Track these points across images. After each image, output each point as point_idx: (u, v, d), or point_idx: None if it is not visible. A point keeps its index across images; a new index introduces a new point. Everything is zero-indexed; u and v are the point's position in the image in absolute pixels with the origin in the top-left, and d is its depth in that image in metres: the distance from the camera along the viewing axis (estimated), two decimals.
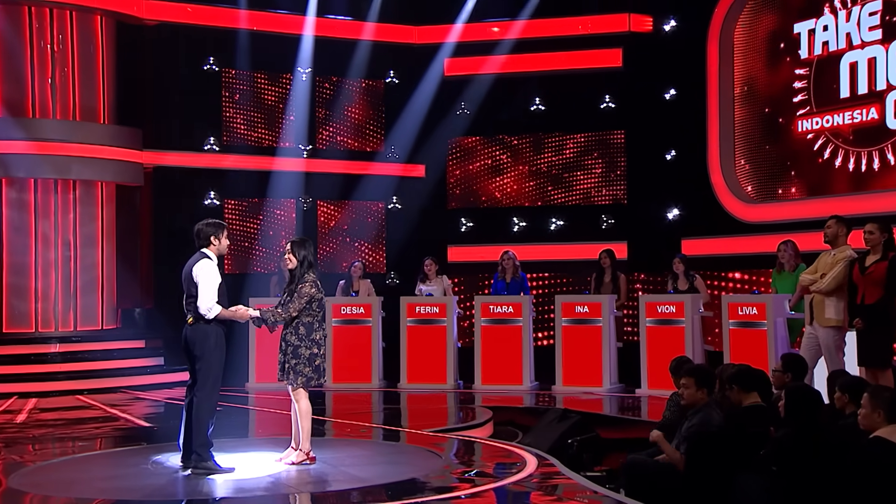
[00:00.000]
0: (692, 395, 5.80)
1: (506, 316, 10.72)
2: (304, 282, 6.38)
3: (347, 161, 13.88)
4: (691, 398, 5.81)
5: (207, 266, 6.17)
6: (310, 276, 6.40)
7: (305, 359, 6.40)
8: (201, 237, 6.27)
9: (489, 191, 13.94)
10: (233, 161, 13.34)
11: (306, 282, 6.37)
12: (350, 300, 11.16)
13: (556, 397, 9.99)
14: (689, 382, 5.82)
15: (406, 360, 10.94)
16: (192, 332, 6.17)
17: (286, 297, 6.48)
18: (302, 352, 6.40)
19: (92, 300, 12.60)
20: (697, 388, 5.79)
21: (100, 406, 9.93)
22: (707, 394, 5.80)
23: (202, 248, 6.28)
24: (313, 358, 6.42)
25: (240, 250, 13.36)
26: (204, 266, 6.17)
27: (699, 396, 5.79)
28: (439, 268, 11.28)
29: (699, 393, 5.78)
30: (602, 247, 11.26)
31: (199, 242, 6.29)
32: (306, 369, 6.39)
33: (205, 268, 6.16)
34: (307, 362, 6.40)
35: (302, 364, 6.39)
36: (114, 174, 12.53)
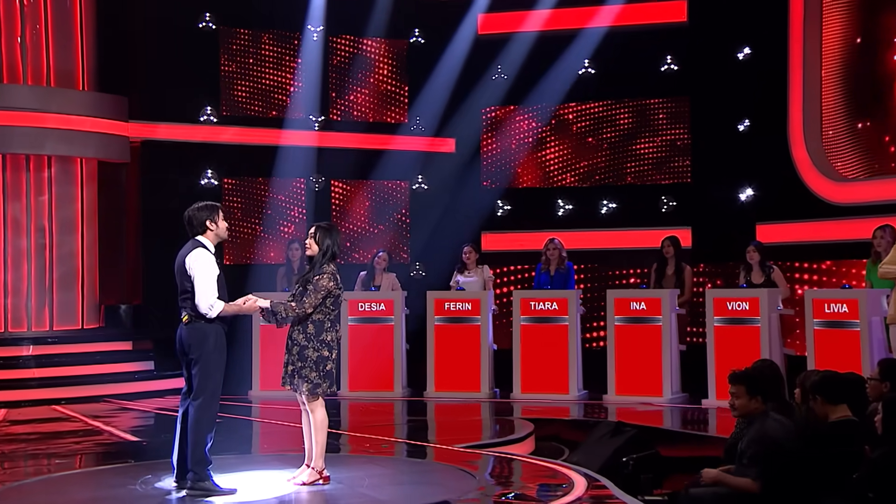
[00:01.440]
0: (744, 405, 5.76)
1: (549, 314, 10.73)
2: (321, 273, 6.40)
3: (365, 134, 13.91)
4: (744, 409, 5.77)
5: (202, 256, 6.19)
6: (329, 267, 6.43)
7: (312, 362, 6.40)
8: (195, 224, 6.30)
9: (530, 168, 13.92)
10: (233, 134, 13.39)
11: (324, 273, 6.39)
12: (369, 295, 11.20)
13: (609, 408, 10.00)
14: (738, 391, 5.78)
15: (433, 365, 10.97)
16: (188, 333, 6.19)
17: (299, 289, 6.49)
18: (309, 354, 6.41)
19: (70, 295, 12.70)
20: (749, 396, 5.74)
21: (80, 418, 9.98)
22: (763, 401, 5.75)
23: (195, 235, 6.30)
24: (322, 362, 6.41)
25: (240, 238, 13.41)
26: (198, 256, 6.19)
27: (753, 406, 5.75)
28: (479, 255, 11.29)
29: (753, 402, 5.74)
30: (662, 233, 11.23)
31: (192, 230, 6.31)
32: (312, 374, 6.39)
33: (199, 258, 6.18)
34: (313, 366, 6.39)
35: (308, 368, 6.39)
36: (95, 149, 12.58)
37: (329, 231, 6.50)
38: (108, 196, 13.16)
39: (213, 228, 6.30)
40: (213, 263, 6.20)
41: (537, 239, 11.84)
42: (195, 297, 6.13)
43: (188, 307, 6.19)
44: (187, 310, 6.19)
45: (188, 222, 6.30)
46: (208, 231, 6.29)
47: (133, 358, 12.17)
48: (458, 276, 11.20)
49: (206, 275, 6.15)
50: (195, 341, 6.16)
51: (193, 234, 6.30)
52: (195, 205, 6.37)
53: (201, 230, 6.29)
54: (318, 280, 6.37)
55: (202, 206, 6.34)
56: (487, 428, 9.46)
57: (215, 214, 6.32)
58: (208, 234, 6.29)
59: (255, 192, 13.59)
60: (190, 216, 6.31)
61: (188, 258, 6.20)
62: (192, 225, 6.30)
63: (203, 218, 6.28)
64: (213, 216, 6.31)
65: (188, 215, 6.31)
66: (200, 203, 6.38)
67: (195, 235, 6.30)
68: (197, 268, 6.16)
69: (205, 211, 6.31)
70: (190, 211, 6.32)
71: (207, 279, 6.14)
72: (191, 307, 6.17)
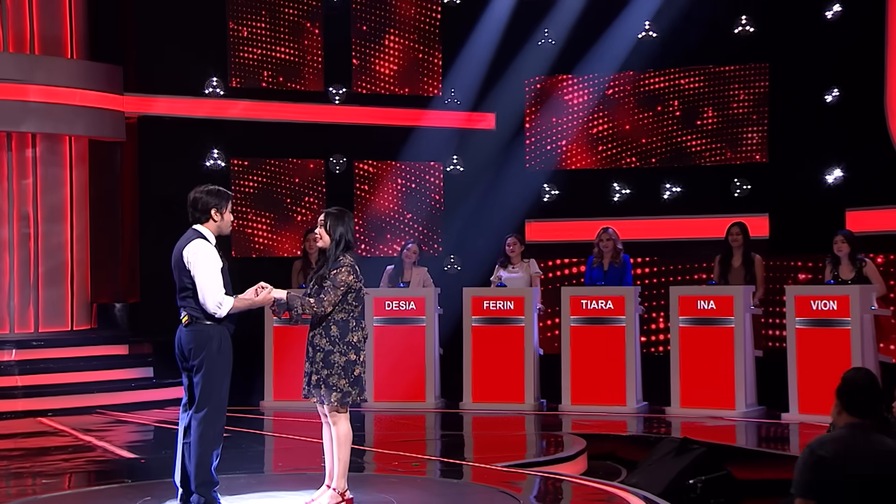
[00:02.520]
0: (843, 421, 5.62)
1: (603, 314, 10.70)
2: (338, 266, 6.40)
3: (393, 109, 13.93)
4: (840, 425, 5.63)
5: (201, 247, 6.17)
6: (346, 259, 6.43)
7: (340, 368, 6.39)
8: (199, 208, 6.26)
9: (581, 147, 13.85)
10: (242, 109, 13.43)
11: (341, 266, 6.39)
12: (397, 292, 11.19)
13: (673, 422, 9.97)
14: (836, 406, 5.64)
15: (471, 372, 10.98)
16: (189, 335, 6.17)
17: (312, 286, 6.51)
18: (335, 359, 6.40)
19: (58, 293, 12.78)
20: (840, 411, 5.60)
21: (69, 432, 10.00)
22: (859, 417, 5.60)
23: (196, 224, 6.27)
24: (350, 367, 6.40)
25: (249, 228, 13.43)
26: (197, 248, 6.16)
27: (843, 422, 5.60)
28: (524, 248, 11.30)
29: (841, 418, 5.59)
30: (734, 221, 11.11)
31: (194, 215, 6.27)
32: (341, 382, 6.38)
33: (198, 250, 6.16)
34: (342, 373, 6.38)
35: (336, 376, 6.39)
36: (86, 126, 12.62)
37: (341, 217, 6.49)
38: (101, 179, 13.22)
39: (217, 220, 6.27)
40: (214, 255, 6.18)
41: (589, 228, 11.78)
42: (197, 296, 6.12)
43: (188, 306, 6.17)
44: (187, 309, 6.17)
45: (192, 204, 6.27)
46: (210, 221, 6.26)
47: (129, 364, 12.22)
48: (500, 272, 11.21)
49: (208, 269, 6.12)
50: (196, 345, 6.14)
51: (194, 220, 6.27)
52: (205, 186, 6.33)
53: (203, 218, 6.26)
54: (335, 275, 6.37)
55: (212, 191, 6.29)
56: (533, 444, 9.44)
57: (224, 204, 6.29)
58: (210, 223, 6.27)
59: (268, 175, 13.63)
60: (195, 198, 6.27)
61: (185, 251, 6.18)
62: (195, 209, 6.27)
63: (210, 204, 6.24)
64: (221, 205, 6.27)
65: (194, 196, 6.27)
66: (211, 186, 6.34)
67: (195, 223, 6.27)
68: (197, 261, 6.13)
69: (213, 197, 6.26)
70: (197, 192, 6.29)
71: (211, 274, 6.12)
72: (191, 306, 6.15)
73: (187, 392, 6.27)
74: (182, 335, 6.21)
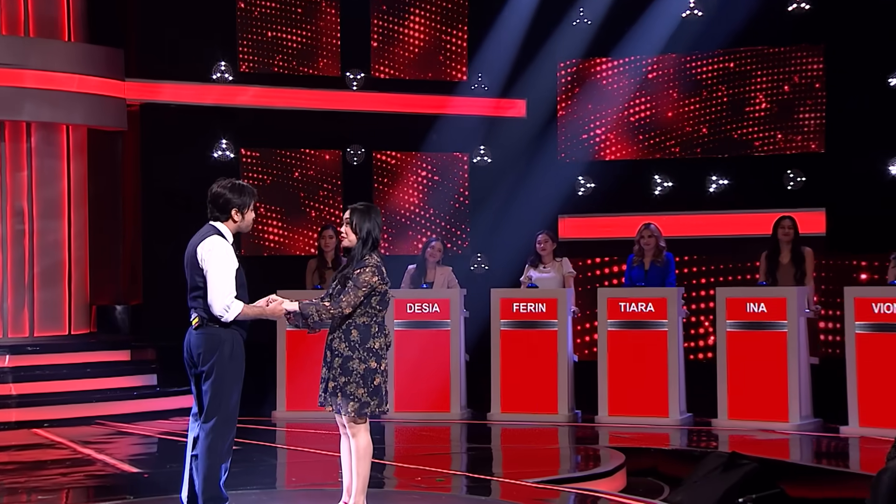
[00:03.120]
0: None
1: (644, 317, 10.68)
2: (362, 266, 6.43)
3: (415, 95, 13.95)
4: None
5: (219, 246, 6.19)
6: (372, 259, 6.47)
7: (359, 376, 6.40)
8: (219, 205, 6.27)
9: (619, 136, 13.82)
10: (253, 96, 13.47)
11: (366, 266, 6.42)
12: (419, 294, 11.20)
13: (719, 435, 9.95)
14: None
15: (499, 380, 10.98)
16: (198, 339, 6.21)
17: (335, 287, 6.52)
18: (354, 366, 6.41)
19: (55, 294, 12.80)
20: None
21: (67, 444, 10.03)
22: None
23: (214, 221, 6.29)
24: (370, 375, 6.42)
25: (260, 224, 13.49)
26: (213, 245, 6.19)
27: None
28: (557, 246, 11.30)
29: None
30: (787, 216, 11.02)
31: (213, 212, 6.30)
32: (359, 391, 6.40)
33: (214, 248, 6.18)
34: (361, 381, 6.40)
35: (354, 384, 6.41)
36: (84, 114, 12.65)
37: (367, 214, 6.53)
38: (101, 172, 13.25)
39: (238, 220, 6.29)
40: (230, 255, 6.21)
41: (627, 224, 11.85)
42: (207, 296, 6.14)
43: (199, 308, 6.20)
44: (198, 311, 6.20)
45: (213, 200, 6.27)
46: (230, 220, 6.28)
47: (131, 371, 12.23)
48: (530, 271, 11.20)
49: (221, 268, 6.15)
50: (207, 350, 6.17)
51: (212, 216, 6.29)
52: (228, 181, 6.33)
53: (223, 216, 6.27)
54: (358, 275, 6.40)
55: (236, 187, 6.28)
56: (567, 459, 9.45)
57: (248, 204, 6.29)
58: (229, 223, 6.29)
59: (280, 167, 13.66)
60: (217, 194, 6.27)
61: (201, 247, 6.19)
62: (215, 204, 6.27)
63: (232, 204, 6.25)
64: (244, 205, 6.28)
65: (216, 191, 6.28)
66: (237, 181, 6.34)
67: (214, 219, 6.29)
68: (211, 259, 6.15)
69: (237, 195, 6.26)
70: (220, 186, 6.29)
71: (223, 274, 6.15)
72: (202, 308, 6.18)
73: (196, 400, 6.30)
74: (191, 339, 6.24)
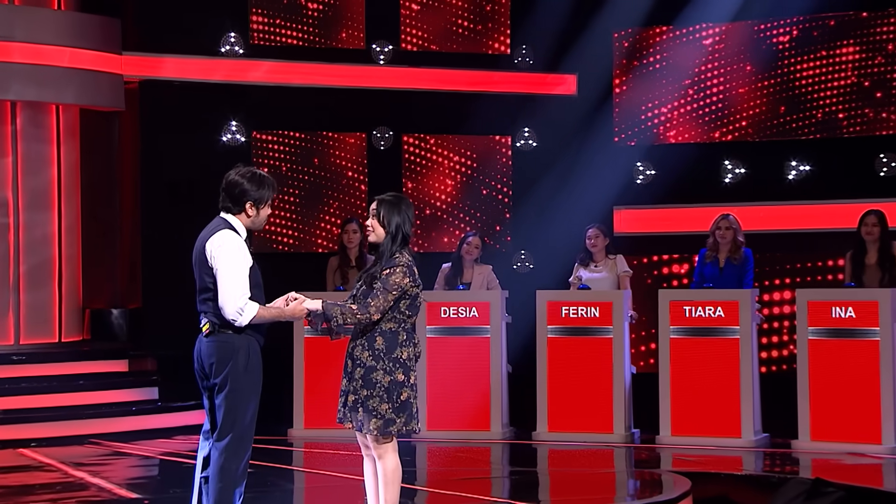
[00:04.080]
0: None
1: (713, 322, 10.63)
2: (392, 265, 6.46)
3: (450, 70, 13.92)
4: None
5: (231, 241, 6.24)
6: (402, 258, 6.51)
7: (382, 389, 6.43)
8: (234, 196, 6.31)
9: (684, 116, 13.71)
10: (267, 72, 13.47)
11: (396, 266, 6.46)
12: (455, 296, 11.21)
13: (801, 459, 9.96)
14: None
15: (546, 395, 10.99)
16: (210, 348, 6.25)
17: (361, 289, 6.56)
18: (378, 378, 6.44)
19: (43, 296, 12.83)
20: None
21: (57, 466, 10.08)
22: None
23: (226, 213, 6.34)
24: (396, 389, 6.44)
25: (274, 217, 13.48)
26: (224, 241, 6.23)
27: None
28: (610, 242, 11.26)
29: None
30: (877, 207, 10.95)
31: (225, 202, 6.35)
32: (383, 406, 6.42)
33: (226, 243, 6.23)
34: (385, 395, 6.43)
35: (377, 398, 6.43)
36: (77, 92, 12.65)
37: (397, 206, 6.58)
38: (95, 158, 13.28)
39: (252, 215, 6.35)
40: (243, 250, 6.27)
41: (693, 217, 11.90)
42: (218, 298, 6.19)
43: (209, 312, 6.25)
44: (208, 315, 6.25)
45: (227, 188, 6.32)
46: (243, 214, 6.34)
47: (130, 383, 12.25)
48: (580, 271, 11.20)
49: (234, 266, 6.20)
50: (219, 359, 6.21)
51: (224, 207, 6.34)
52: (249, 170, 6.38)
53: (236, 209, 6.32)
54: (387, 275, 6.43)
55: (256, 177, 6.32)
56: (623, 485, 9.50)
57: (265, 198, 6.35)
58: (242, 216, 6.35)
59: (297, 152, 13.65)
60: (234, 182, 6.31)
61: (210, 242, 6.25)
62: (230, 194, 6.31)
63: (248, 196, 6.29)
64: (261, 199, 6.33)
65: (232, 179, 6.32)
66: (257, 171, 6.40)
67: (225, 211, 6.34)
68: (222, 256, 6.20)
69: (255, 187, 6.30)
70: (238, 174, 6.33)
71: (236, 273, 6.19)
72: (213, 312, 6.23)
73: (209, 415, 6.35)
74: (202, 347, 6.29)
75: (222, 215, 6.33)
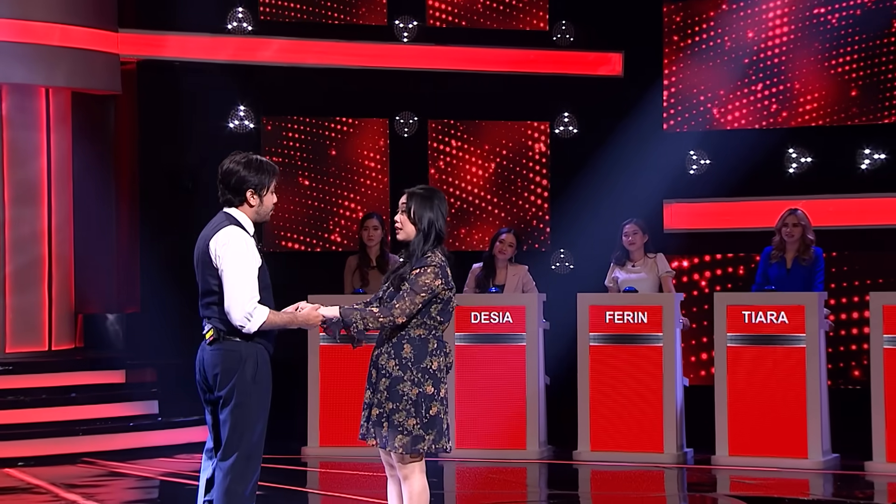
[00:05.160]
0: None
1: (776, 330, 10.59)
2: (422, 265, 6.48)
3: (482, 49, 13.91)
4: None
5: (236, 238, 6.25)
6: (434, 257, 6.53)
7: (410, 402, 6.44)
8: (231, 186, 6.34)
9: (743, 99, 13.65)
10: (277, 51, 13.50)
11: (427, 266, 6.47)
12: (486, 300, 11.20)
13: (876, 483, 9.97)
14: None
15: (588, 409, 10.97)
16: (214, 356, 6.26)
17: (388, 291, 6.57)
18: (405, 390, 6.44)
19: (31, 300, 12.84)
20: None
21: (47, 488, 10.11)
22: None
23: (228, 207, 6.36)
24: (425, 402, 6.45)
25: (285, 211, 13.50)
26: (230, 238, 6.25)
27: None
28: (649, 239, 11.21)
29: None
30: None
31: (225, 195, 6.37)
32: (410, 421, 6.42)
33: (232, 242, 6.24)
34: (413, 409, 6.43)
35: (404, 412, 6.43)
36: (68, 74, 12.66)
37: (430, 200, 6.59)
38: (89, 146, 13.28)
39: (255, 204, 6.36)
40: (251, 249, 6.27)
41: (753, 211, 11.82)
42: (224, 302, 6.19)
43: (214, 317, 6.26)
44: (212, 321, 6.26)
45: (223, 179, 6.35)
46: (246, 204, 6.35)
47: (126, 396, 12.26)
48: (615, 272, 11.24)
49: (240, 266, 6.20)
50: (225, 369, 6.22)
51: (225, 200, 6.36)
52: (244, 155, 6.39)
53: (238, 200, 6.33)
54: (416, 275, 6.45)
55: (251, 162, 6.34)
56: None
57: (266, 184, 6.36)
58: (245, 207, 6.36)
59: (312, 140, 13.67)
60: (229, 171, 6.33)
61: (214, 240, 6.26)
62: (227, 185, 6.34)
63: (247, 183, 6.31)
64: (261, 185, 6.34)
65: (226, 167, 6.34)
66: (253, 156, 6.40)
67: (227, 205, 6.36)
68: (227, 255, 6.21)
69: (253, 172, 6.32)
70: (232, 162, 6.36)
71: (242, 273, 6.20)
72: (218, 317, 6.24)
73: (212, 432, 6.35)
74: (205, 356, 6.28)
75: (225, 210, 6.33)
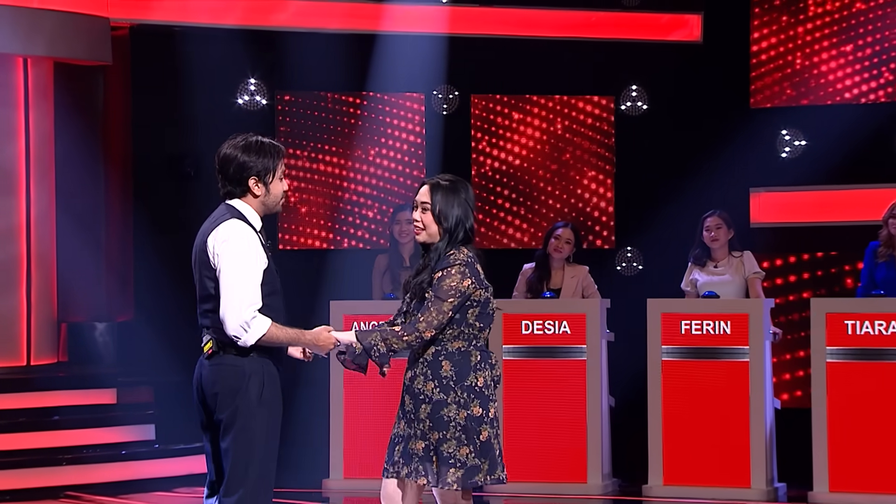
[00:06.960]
0: None
1: (885, 342, 10.61)
2: (446, 266, 6.55)
3: (533, 10, 14.00)
4: None
5: (237, 234, 6.29)
6: (459, 255, 6.59)
7: (459, 429, 6.51)
8: (230, 174, 6.38)
9: (843, 71, 13.65)
10: (294, 14, 13.62)
11: (451, 266, 6.55)
12: (539, 306, 11.23)
13: None
14: None
15: (661, 436, 11.00)
16: (213, 373, 6.30)
17: (411, 303, 6.64)
18: (451, 414, 6.50)
19: (7, 305, 12.97)
20: None
21: None
22: None
23: (230, 199, 6.40)
24: (475, 426, 6.51)
25: (303, 204, 13.62)
26: (231, 234, 6.28)
27: None
28: (734, 235, 11.19)
29: None
30: None
31: (225, 185, 6.42)
32: (462, 451, 6.49)
33: (233, 238, 6.28)
34: (464, 435, 6.50)
35: (453, 441, 6.50)
36: (49, 41, 12.77)
37: (455, 193, 6.66)
38: (74, 125, 13.35)
39: (260, 193, 6.38)
40: (255, 246, 6.29)
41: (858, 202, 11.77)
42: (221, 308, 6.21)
43: (212, 327, 6.29)
44: (211, 331, 6.29)
45: (221, 166, 6.39)
46: (250, 194, 6.38)
47: (117, 419, 12.36)
48: (694, 273, 11.29)
49: (239, 267, 6.23)
50: (225, 389, 6.24)
51: (225, 191, 6.40)
52: (242, 137, 6.43)
53: (239, 189, 6.37)
54: (440, 279, 6.52)
55: (252, 145, 6.37)
56: None
57: (271, 168, 6.39)
58: (249, 198, 6.39)
59: (334, 118, 13.75)
60: (226, 157, 6.37)
61: (213, 237, 6.29)
62: (226, 173, 6.38)
63: (248, 168, 6.34)
64: (266, 170, 6.37)
65: (224, 153, 6.38)
66: (253, 137, 6.43)
67: (228, 196, 6.40)
68: (227, 254, 6.24)
69: (255, 155, 6.36)
70: (230, 146, 6.39)
71: (242, 275, 6.22)
72: (217, 326, 6.25)
73: (213, 463, 6.37)
74: (204, 373, 6.31)
75: (226, 202, 6.37)
